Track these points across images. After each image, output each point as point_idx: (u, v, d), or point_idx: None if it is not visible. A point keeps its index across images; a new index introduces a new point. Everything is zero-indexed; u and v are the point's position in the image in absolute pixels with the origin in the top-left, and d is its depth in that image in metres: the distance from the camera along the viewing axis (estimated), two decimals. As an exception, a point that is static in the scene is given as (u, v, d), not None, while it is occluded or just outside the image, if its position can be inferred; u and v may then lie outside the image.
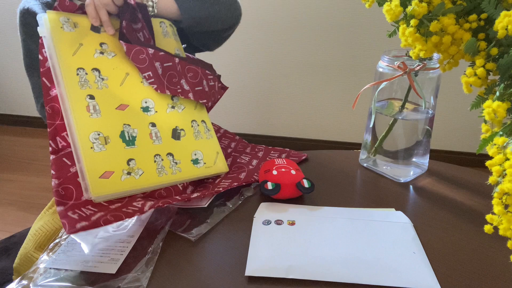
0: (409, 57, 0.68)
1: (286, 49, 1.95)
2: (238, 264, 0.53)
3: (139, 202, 0.59)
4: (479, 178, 0.75)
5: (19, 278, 0.52)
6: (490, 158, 0.40)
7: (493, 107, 0.40)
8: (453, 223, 0.62)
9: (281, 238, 0.57)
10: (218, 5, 0.79)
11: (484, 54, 0.45)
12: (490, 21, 0.46)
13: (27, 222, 1.56)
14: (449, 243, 0.58)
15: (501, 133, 0.41)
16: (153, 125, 0.66)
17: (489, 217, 0.40)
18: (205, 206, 0.64)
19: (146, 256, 0.54)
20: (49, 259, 0.55)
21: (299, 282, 0.50)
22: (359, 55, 1.89)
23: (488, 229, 0.40)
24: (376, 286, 0.49)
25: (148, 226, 0.60)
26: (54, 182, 0.57)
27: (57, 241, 0.59)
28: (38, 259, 0.56)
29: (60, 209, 0.54)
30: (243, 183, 0.70)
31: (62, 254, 0.55)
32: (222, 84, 0.81)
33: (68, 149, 0.60)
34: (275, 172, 0.67)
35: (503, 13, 0.41)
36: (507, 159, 0.38)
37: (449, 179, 0.74)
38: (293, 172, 0.67)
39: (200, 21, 0.79)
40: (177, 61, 0.71)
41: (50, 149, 0.59)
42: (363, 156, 0.79)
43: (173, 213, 0.63)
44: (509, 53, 0.42)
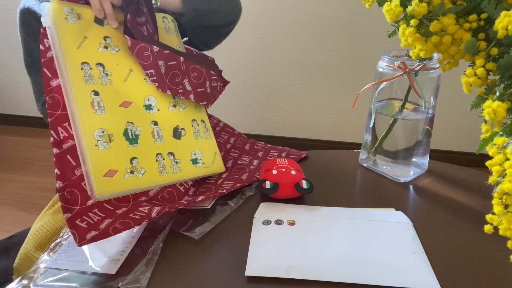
0: (409, 57, 0.68)
1: (286, 49, 1.95)
2: (238, 264, 0.53)
3: (145, 207, 0.59)
4: (479, 178, 0.75)
5: (19, 278, 0.52)
6: (490, 158, 0.40)
7: (493, 107, 0.40)
8: (453, 223, 0.62)
9: (281, 238, 0.57)
10: None
11: (484, 54, 0.45)
12: (490, 21, 0.46)
13: (27, 222, 1.55)
14: (449, 243, 0.58)
15: (501, 133, 0.41)
16: (155, 123, 0.66)
17: (489, 217, 0.40)
18: (208, 207, 0.64)
19: (146, 256, 0.54)
20: (50, 259, 0.55)
21: (299, 282, 0.50)
22: (359, 55, 1.89)
23: (488, 229, 0.40)
24: (376, 286, 0.49)
25: (149, 226, 0.60)
26: (58, 184, 0.56)
27: (58, 241, 0.59)
28: (38, 259, 0.56)
29: (67, 216, 0.54)
30: (246, 184, 0.70)
31: (62, 254, 0.55)
32: (223, 79, 0.80)
33: (69, 142, 0.59)
34: (275, 171, 0.67)
35: (503, 13, 0.41)
36: (507, 159, 0.38)
37: (449, 179, 0.74)
38: (293, 172, 0.67)
39: (201, 15, 0.78)
40: (182, 60, 0.70)
41: (51, 140, 0.58)
42: (363, 156, 0.79)
43: (174, 213, 0.63)
44: (509, 53, 0.42)
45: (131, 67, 0.66)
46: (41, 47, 0.61)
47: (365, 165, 0.78)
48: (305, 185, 0.65)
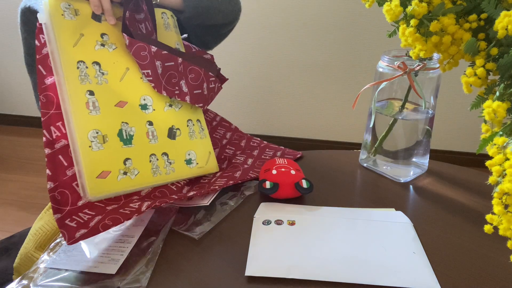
0: (409, 57, 0.68)
1: (286, 49, 1.95)
2: (238, 264, 0.53)
3: (136, 203, 0.59)
4: (479, 178, 0.75)
5: (19, 278, 0.52)
6: (490, 158, 0.40)
7: (493, 107, 0.40)
8: (453, 223, 0.62)
9: (281, 238, 0.57)
10: None
11: (484, 54, 0.45)
12: (490, 21, 0.46)
13: (27, 222, 1.56)
14: (449, 243, 0.58)
15: (501, 133, 0.41)
16: (150, 123, 0.65)
17: (489, 217, 0.40)
18: (207, 204, 0.64)
19: (146, 256, 0.54)
20: (50, 259, 0.55)
21: (299, 282, 0.50)
22: (359, 55, 1.89)
23: (488, 229, 0.40)
24: (376, 286, 0.49)
25: (148, 226, 0.60)
26: (49, 185, 0.56)
27: (58, 240, 0.59)
28: (38, 259, 0.56)
29: (57, 217, 0.54)
30: (239, 181, 0.70)
31: (62, 254, 0.55)
32: (222, 76, 0.80)
33: (62, 141, 0.59)
34: (274, 171, 0.67)
35: (503, 13, 0.41)
36: (507, 159, 0.38)
37: (449, 179, 0.74)
38: (293, 172, 0.67)
39: (201, 12, 0.78)
40: (180, 61, 0.69)
41: (44, 139, 0.58)
42: (363, 156, 0.79)
43: (174, 212, 0.63)
44: (509, 53, 0.42)
45: (127, 65, 0.65)
46: (37, 42, 0.60)
47: (365, 165, 0.78)
48: (305, 184, 0.65)
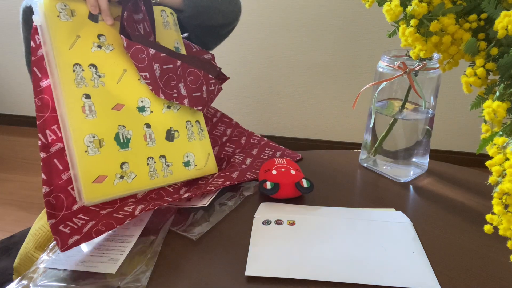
0: (409, 57, 0.68)
1: (286, 49, 1.95)
2: (238, 264, 0.53)
3: (130, 206, 0.58)
4: (479, 178, 0.75)
5: (19, 278, 0.52)
6: (490, 158, 0.40)
7: (493, 107, 0.40)
8: (453, 223, 0.62)
9: (281, 238, 0.57)
10: None
11: (484, 54, 0.45)
12: (490, 21, 0.46)
13: (27, 222, 1.56)
14: (449, 243, 0.58)
15: (501, 133, 0.41)
16: (148, 126, 0.65)
17: (489, 217, 0.40)
18: (206, 205, 0.63)
19: (146, 255, 0.54)
20: (49, 259, 0.54)
21: (299, 282, 0.50)
22: (359, 55, 1.89)
23: (488, 229, 0.40)
24: (376, 286, 0.49)
25: (148, 226, 0.60)
26: (45, 189, 0.56)
27: (57, 241, 0.59)
28: (38, 259, 0.56)
29: (51, 222, 0.53)
30: (236, 182, 0.69)
31: (62, 254, 0.55)
32: (223, 75, 0.79)
33: (57, 145, 0.58)
34: (274, 171, 0.67)
35: (503, 13, 0.41)
36: (507, 159, 0.38)
37: (449, 179, 0.74)
38: (293, 172, 0.67)
39: (202, 12, 0.78)
40: (178, 63, 0.68)
41: (39, 143, 0.57)
42: (363, 156, 0.79)
43: (173, 212, 0.63)
44: (509, 53, 0.42)
45: (125, 67, 0.64)
46: (32, 43, 0.59)
47: (365, 165, 0.78)
48: (305, 184, 0.65)
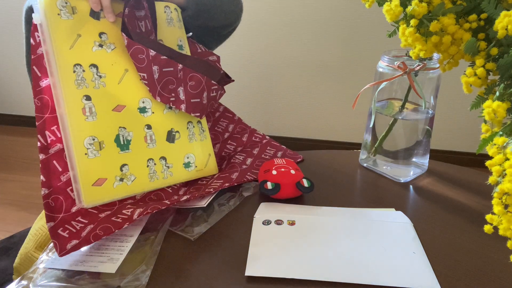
0: (409, 57, 0.68)
1: (286, 49, 1.95)
2: (238, 264, 0.53)
3: (129, 209, 0.58)
4: (479, 178, 0.75)
5: (19, 278, 0.52)
6: (490, 158, 0.40)
7: (493, 107, 0.40)
8: (453, 223, 0.62)
9: (281, 238, 0.57)
10: None
11: (484, 54, 0.45)
12: (490, 21, 0.46)
13: (27, 222, 1.56)
14: (449, 243, 0.58)
15: (501, 133, 0.41)
16: (149, 127, 0.64)
17: (489, 217, 0.40)
18: (205, 205, 0.63)
19: (145, 255, 0.54)
20: (49, 259, 0.54)
21: (299, 282, 0.50)
22: (359, 55, 1.89)
23: (488, 229, 0.40)
24: (376, 286, 0.49)
25: (147, 225, 0.60)
26: (44, 191, 0.55)
27: (57, 241, 0.59)
28: (38, 259, 0.56)
29: (50, 225, 0.53)
30: (235, 183, 0.69)
31: (62, 254, 0.55)
32: (227, 78, 0.77)
33: (57, 145, 0.58)
34: (274, 172, 0.67)
35: (503, 13, 0.41)
36: (507, 159, 0.38)
37: (449, 179, 0.74)
38: (293, 171, 0.67)
39: (204, 10, 0.77)
40: (180, 67, 0.65)
41: (38, 145, 0.56)
42: (363, 156, 0.79)
43: (172, 212, 0.63)
44: (509, 53, 0.42)
45: (126, 67, 0.63)
46: (32, 41, 0.58)
47: (365, 165, 0.78)
48: (306, 183, 0.65)
